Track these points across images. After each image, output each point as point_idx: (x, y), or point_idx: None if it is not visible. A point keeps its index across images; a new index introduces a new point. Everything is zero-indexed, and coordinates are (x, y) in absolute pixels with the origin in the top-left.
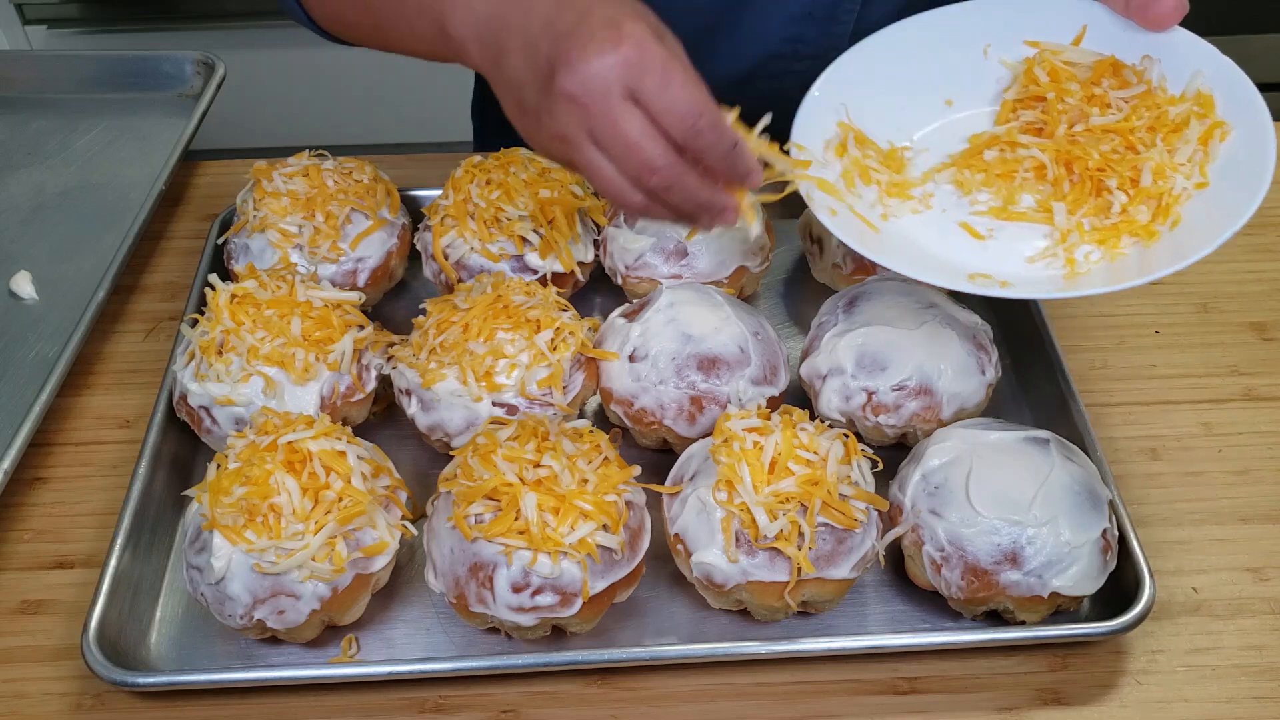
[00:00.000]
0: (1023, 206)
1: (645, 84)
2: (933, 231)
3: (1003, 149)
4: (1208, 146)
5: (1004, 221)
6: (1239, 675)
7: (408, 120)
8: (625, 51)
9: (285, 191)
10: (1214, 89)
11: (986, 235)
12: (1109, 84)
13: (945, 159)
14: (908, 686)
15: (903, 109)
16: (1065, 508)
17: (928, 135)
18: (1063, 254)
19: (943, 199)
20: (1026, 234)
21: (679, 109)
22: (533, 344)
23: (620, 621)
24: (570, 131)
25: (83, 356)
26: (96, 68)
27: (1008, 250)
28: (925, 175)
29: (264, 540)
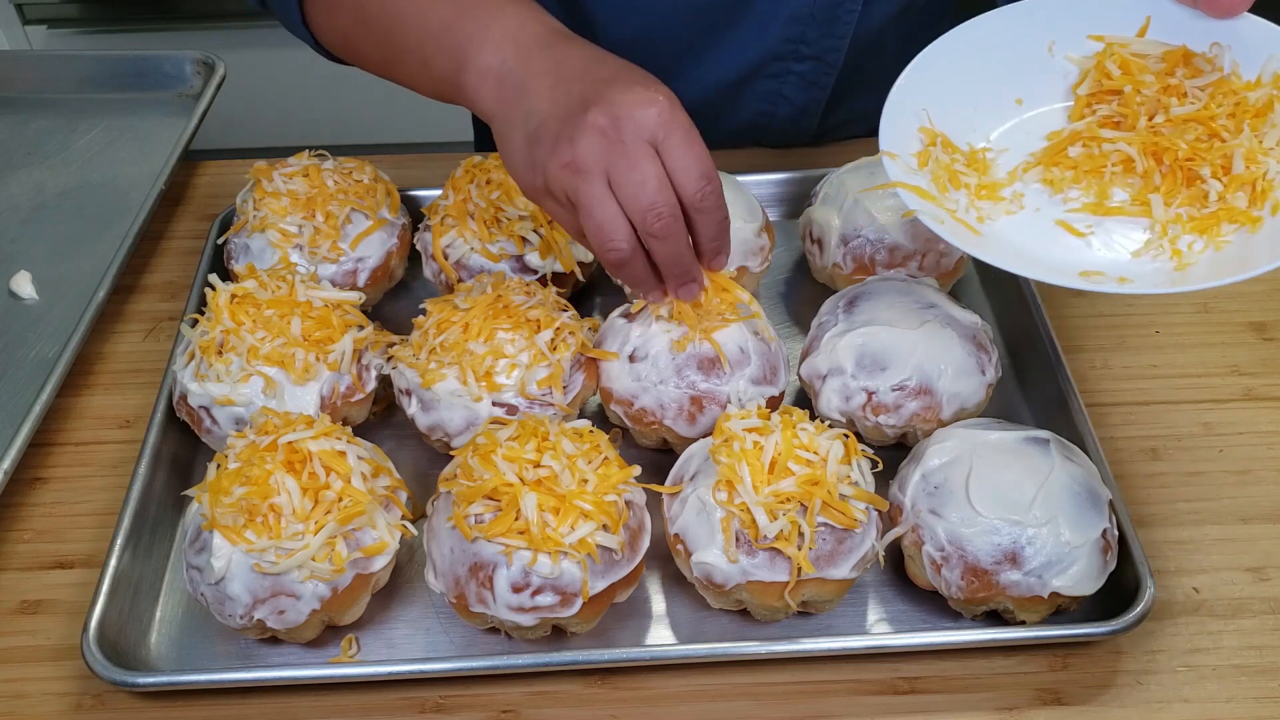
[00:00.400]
0: (1117, 201)
1: (672, 139)
2: (1031, 232)
3: (1086, 144)
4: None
5: (1101, 218)
6: (1239, 675)
7: (408, 120)
8: (661, 106)
9: (285, 191)
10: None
11: (1086, 232)
12: (1182, 73)
13: (1028, 158)
14: (908, 686)
15: (975, 110)
16: (1065, 508)
17: (1004, 135)
18: (1168, 246)
19: (1034, 198)
20: (1125, 228)
21: (697, 168)
22: (533, 344)
23: (620, 621)
24: (587, 162)
25: (83, 356)
26: (96, 68)
27: (1111, 245)
28: (1012, 175)
29: (264, 540)
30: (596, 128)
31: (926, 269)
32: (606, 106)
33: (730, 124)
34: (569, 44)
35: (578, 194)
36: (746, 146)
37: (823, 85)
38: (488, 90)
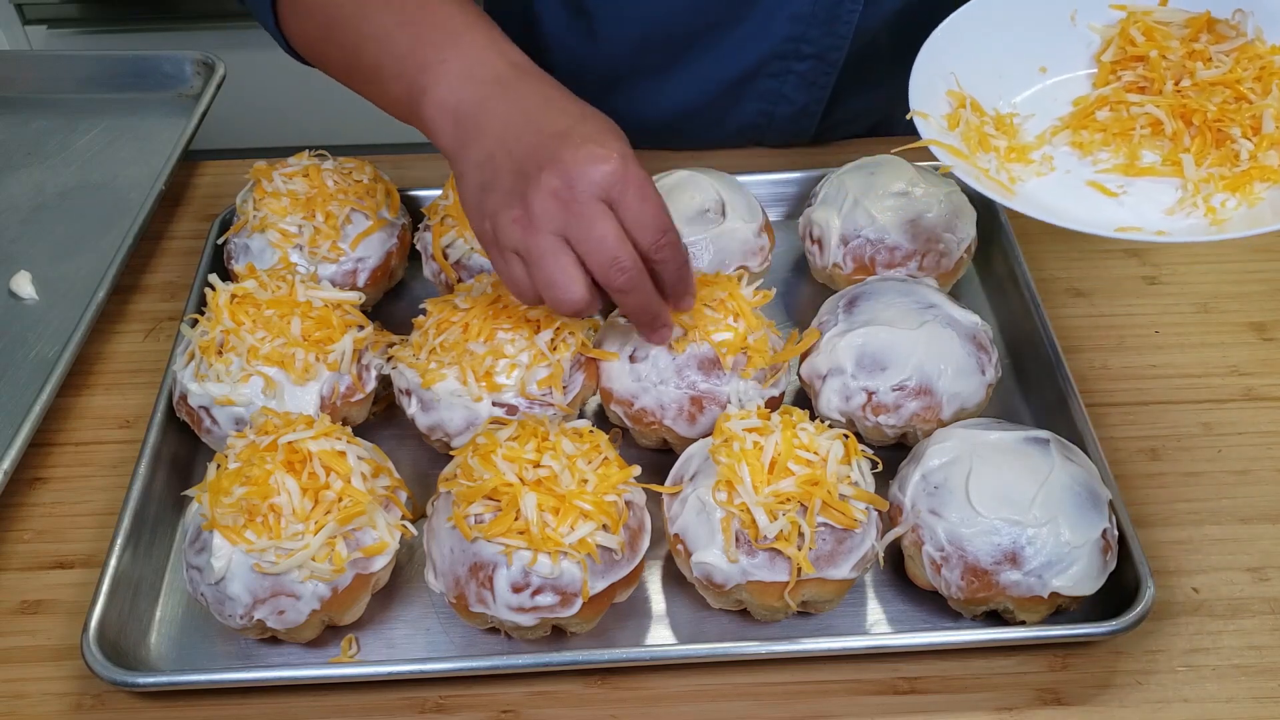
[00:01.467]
0: (1147, 162)
1: (626, 196)
2: (1062, 192)
3: (1114, 108)
4: None
5: (1132, 178)
6: (1238, 675)
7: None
8: (614, 164)
9: (285, 191)
10: None
11: (1119, 192)
12: (1206, 39)
13: (1055, 122)
14: (908, 686)
15: (999, 77)
16: (1065, 508)
17: (1028, 100)
18: (1201, 203)
19: (1063, 161)
20: (1157, 189)
21: (652, 222)
22: (533, 344)
23: (620, 621)
24: (540, 221)
25: (83, 356)
26: (96, 68)
27: (1144, 204)
28: (1040, 139)
29: (264, 540)
30: (550, 189)
31: (926, 269)
32: (559, 168)
33: (730, 123)
34: (525, 82)
35: (529, 250)
36: (746, 146)
37: (823, 85)
38: (444, 127)
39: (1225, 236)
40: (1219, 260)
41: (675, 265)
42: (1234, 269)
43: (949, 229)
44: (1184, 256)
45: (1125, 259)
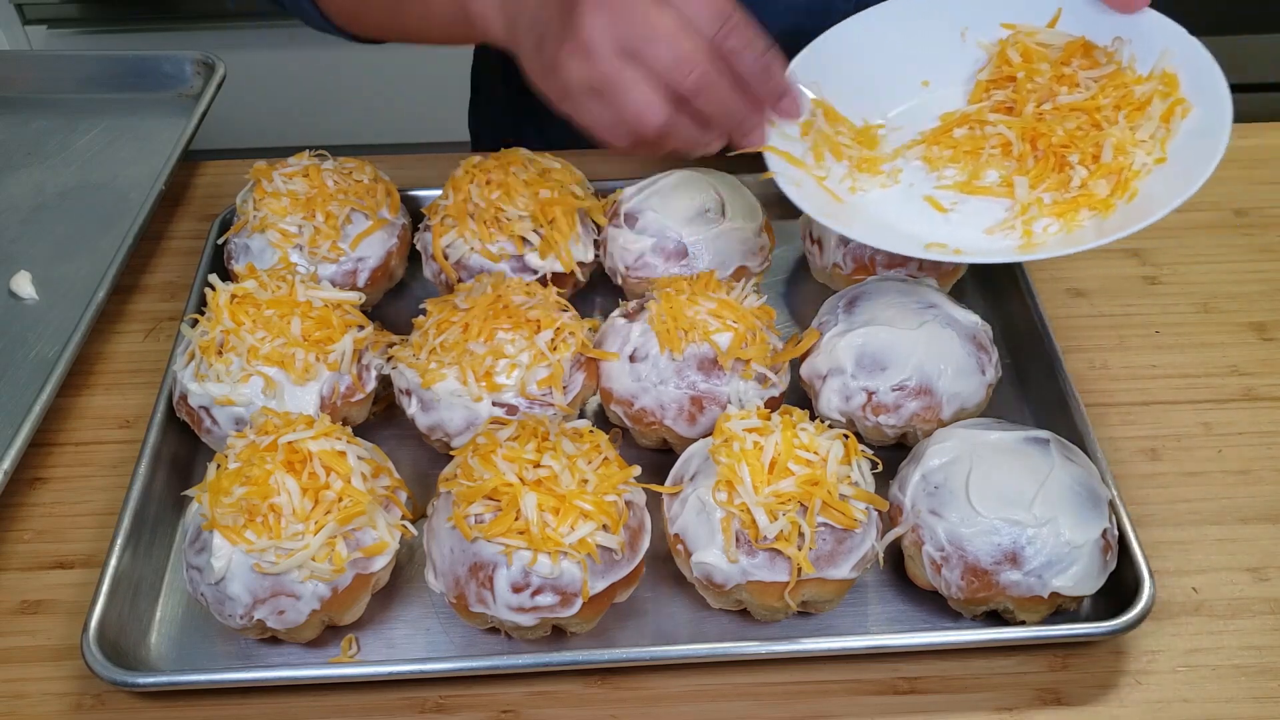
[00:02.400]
0: (987, 181)
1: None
2: (898, 205)
3: (972, 127)
4: (1169, 124)
5: (968, 196)
6: (1239, 675)
7: (407, 120)
8: None
9: (285, 191)
10: (1179, 69)
11: (949, 208)
12: (1079, 64)
13: (917, 136)
14: (908, 686)
15: (880, 88)
16: (1065, 508)
17: (903, 114)
18: (1020, 225)
19: (911, 174)
20: (989, 208)
21: (708, 10)
22: (533, 344)
23: (620, 621)
24: (596, 42)
25: (83, 356)
26: (96, 68)
27: (968, 222)
28: (896, 151)
29: (264, 540)
30: (593, 5)
31: (926, 269)
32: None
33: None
34: None
35: (597, 82)
36: None
37: None
38: (493, 18)
39: (1021, 259)
40: (1219, 260)
41: (751, 53)
42: (1234, 269)
43: None
44: (1184, 256)
45: (1125, 259)
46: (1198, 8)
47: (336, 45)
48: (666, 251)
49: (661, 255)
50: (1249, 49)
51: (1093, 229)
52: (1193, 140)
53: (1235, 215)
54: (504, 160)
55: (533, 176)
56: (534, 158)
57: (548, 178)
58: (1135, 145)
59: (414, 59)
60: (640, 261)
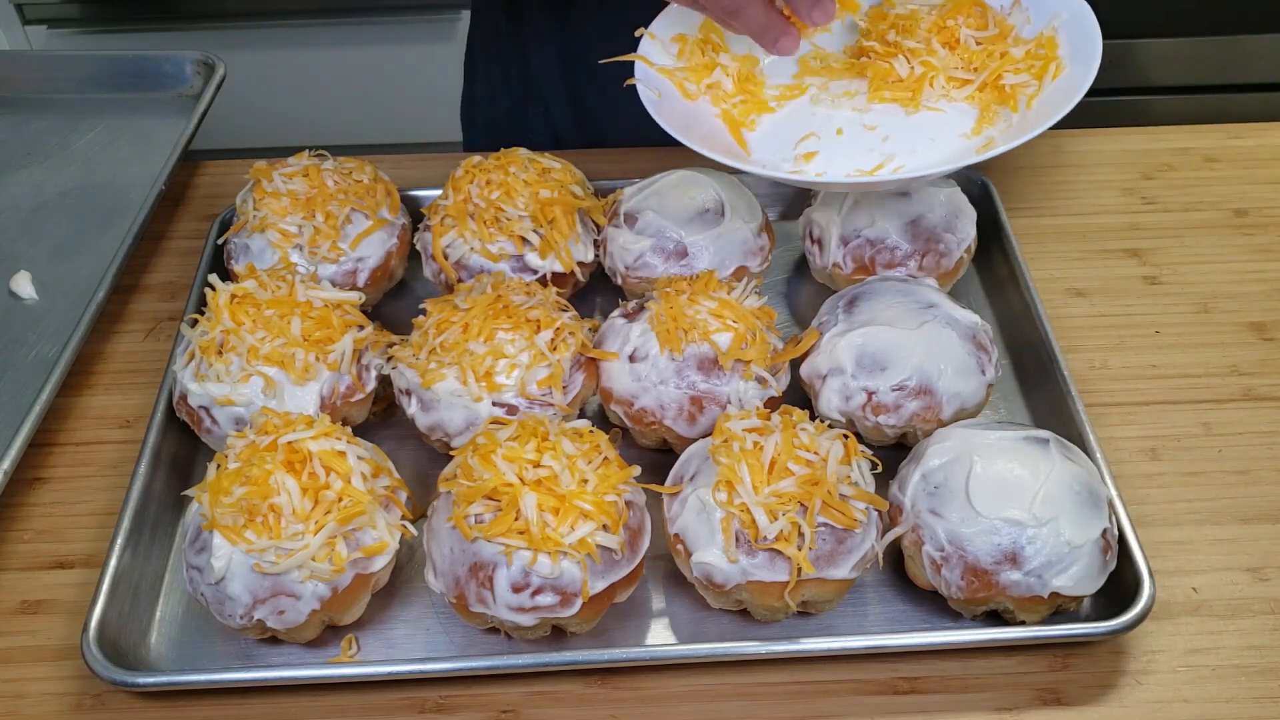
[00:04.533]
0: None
1: None
2: (772, 131)
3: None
4: (1042, 81)
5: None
6: (1239, 675)
7: (407, 120)
8: None
9: (285, 191)
10: (1061, 31)
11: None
12: (964, 20)
13: (794, 73)
14: (908, 686)
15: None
16: (1065, 508)
17: (775, 62)
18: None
19: (791, 108)
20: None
21: None
22: (533, 344)
23: (620, 621)
24: None
25: (83, 356)
26: (96, 68)
27: (835, 157)
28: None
29: (264, 540)
30: None
31: (926, 269)
32: None
33: None
34: None
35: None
36: None
37: None
38: None
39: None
40: (1219, 260)
41: None
42: (1234, 269)
43: (949, 229)
44: (1184, 256)
45: (1125, 259)
46: (1198, 7)
47: (336, 45)
48: (666, 251)
49: (661, 255)
50: (1249, 49)
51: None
52: (1052, 97)
53: (1235, 215)
54: (504, 160)
55: (533, 176)
56: (534, 158)
57: (548, 178)
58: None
59: (414, 59)
60: (640, 261)
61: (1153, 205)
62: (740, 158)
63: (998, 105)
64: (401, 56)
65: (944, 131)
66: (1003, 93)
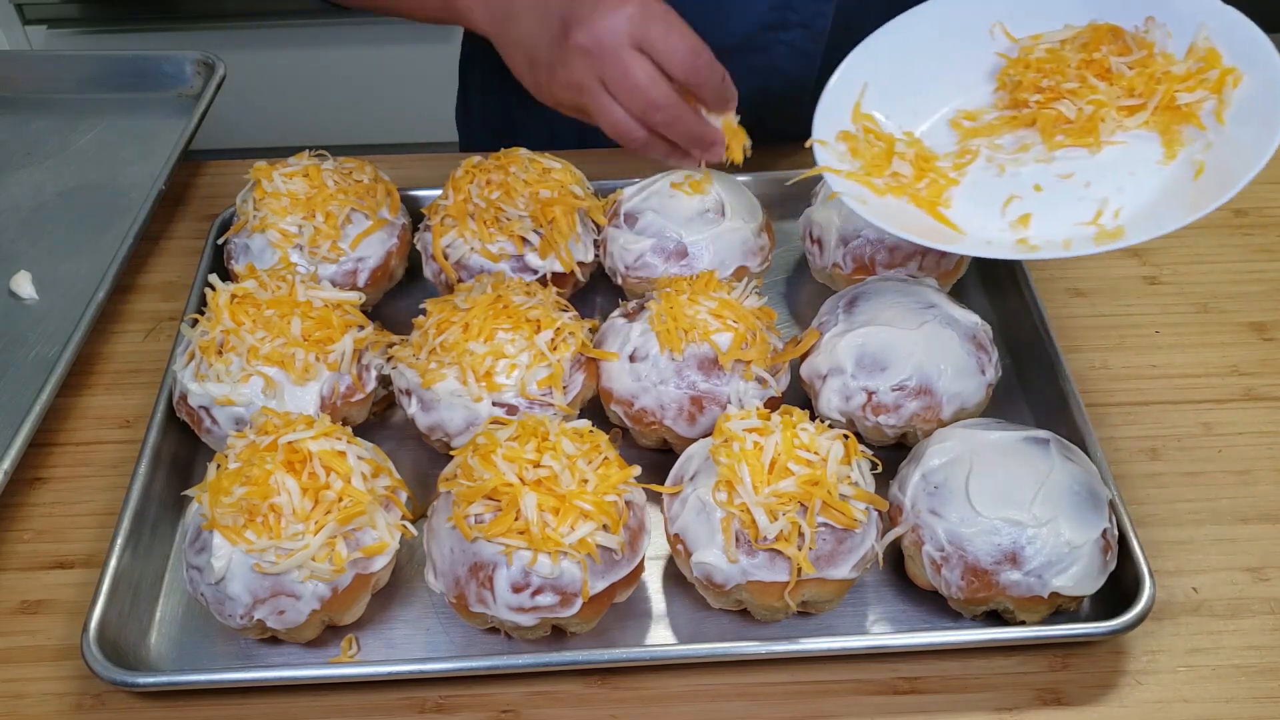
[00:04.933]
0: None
1: (651, 33)
2: (969, 203)
3: (1015, 117)
4: (1222, 94)
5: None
6: (1239, 675)
7: (407, 120)
8: (631, 8)
9: (285, 191)
10: (1217, 41)
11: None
12: (1108, 49)
13: (954, 143)
14: (908, 686)
15: (914, 98)
16: (1065, 508)
17: (931, 128)
18: (1101, 210)
19: (975, 172)
20: (1064, 201)
21: (681, 50)
22: (533, 344)
23: (620, 621)
24: (584, 80)
25: (83, 356)
26: (96, 68)
27: (1046, 214)
28: (964, 151)
29: (264, 540)
30: (580, 48)
31: (926, 269)
32: (583, 25)
33: None
34: None
35: (584, 108)
36: (747, 127)
37: (813, 54)
38: (479, 13)
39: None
40: (1219, 260)
41: (713, 84)
42: (1234, 269)
43: None
44: (1184, 256)
45: (1125, 259)
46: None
47: (336, 45)
48: (666, 251)
49: (661, 255)
50: None
51: (1179, 209)
52: (1252, 106)
53: (1235, 215)
54: (504, 160)
55: (533, 176)
56: (534, 158)
57: (548, 178)
58: (1189, 91)
59: (414, 59)
60: (640, 261)
61: None
62: (958, 240)
63: (1177, 125)
64: (401, 56)
65: (1138, 163)
66: (1178, 112)
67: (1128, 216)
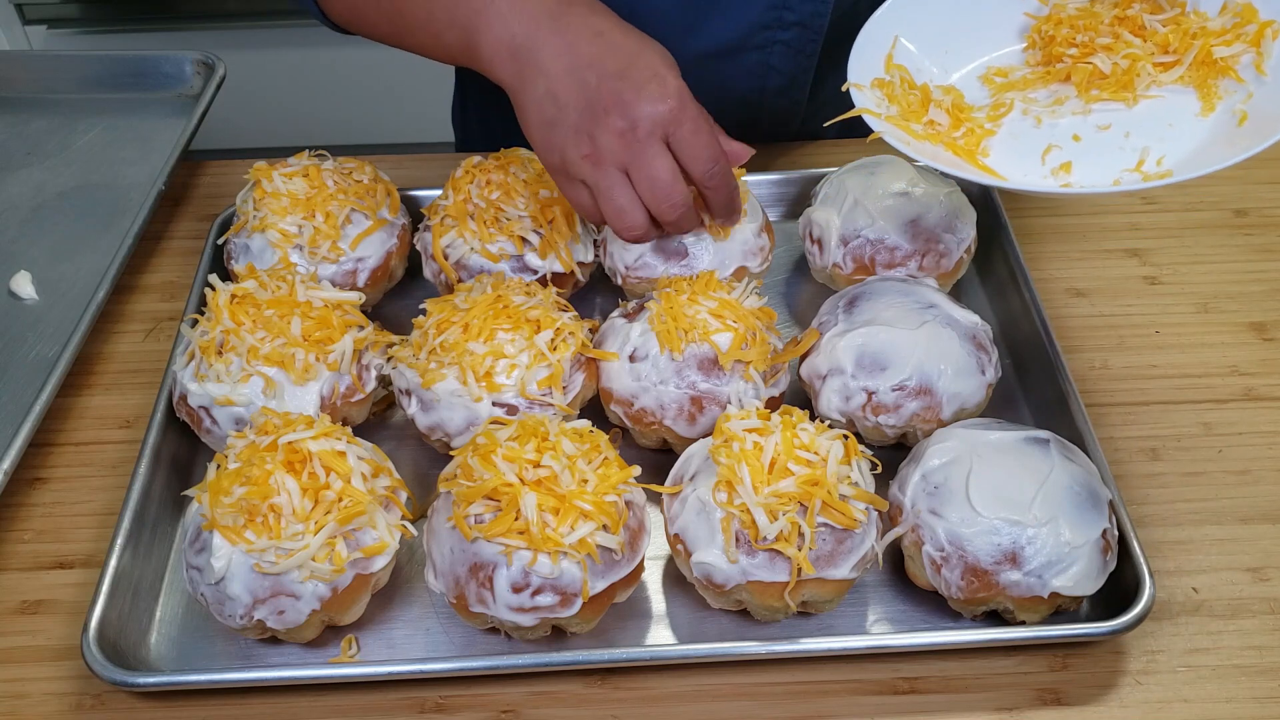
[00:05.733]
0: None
1: (681, 130)
2: (1009, 153)
3: (1048, 71)
4: (1261, 47)
5: (1081, 127)
6: (1239, 675)
7: (407, 120)
8: (670, 104)
9: (285, 191)
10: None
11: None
12: (1140, 7)
13: (988, 96)
14: (908, 686)
15: (945, 53)
16: (1065, 508)
17: (963, 77)
18: (1142, 155)
19: (1010, 124)
20: (1102, 149)
21: (705, 154)
22: (533, 344)
23: (620, 621)
24: (606, 158)
25: (83, 356)
26: (96, 68)
27: (1087, 162)
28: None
29: (264, 540)
30: (616, 130)
31: (926, 269)
32: (624, 109)
33: (722, 101)
34: (573, 13)
35: (596, 183)
36: (741, 126)
37: (809, 53)
38: (502, 64)
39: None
40: (1219, 260)
41: (724, 193)
42: (1234, 269)
43: (949, 229)
44: (1184, 256)
45: (1125, 259)
46: None
47: (337, 45)
48: (666, 252)
49: (661, 255)
50: None
51: (1227, 150)
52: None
53: (1235, 215)
54: (504, 160)
55: (533, 176)
56: (534, 158)
57: (547, 178)
58: (1226, 45)
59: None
60: (640, 262)
61: (1153, 205)
62: (1003, 181)
63: (1214, 79)
64: (401, 56)
65: (1176, 115)
66: (1215, 66)
67: (1172, 163)
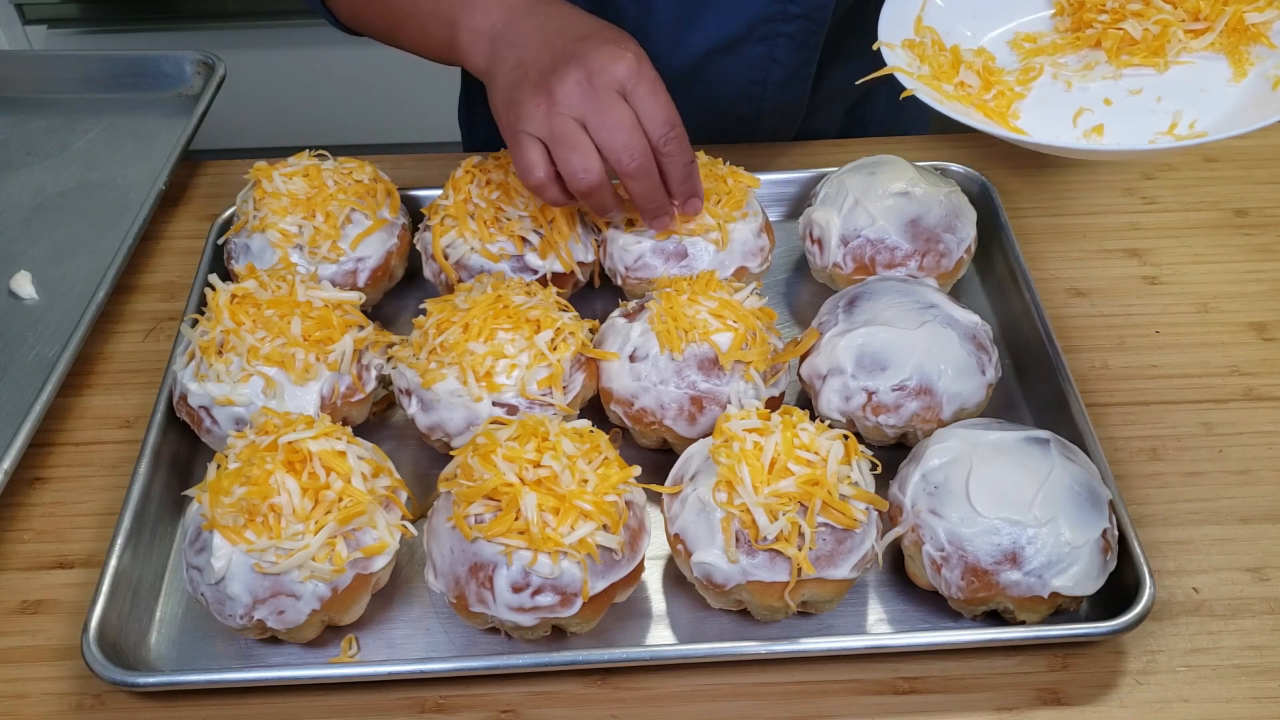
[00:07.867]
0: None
1: (639, 90)
2: (1041, 114)
3: (1078, 34)
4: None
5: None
6: (1239, 675)
7: (407, 120)
8: (630, 61)
9: (285, 191)
10: None
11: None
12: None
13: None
14: (908, 686)
15: (974, 17)
16: (1065, 508)
17: (993, 40)
18: (1174, 119)
19: (1040, 87)
20: (1132, 114)
21: (660, 115)
22: (533, 344)
23: (620, 621)
24: (564, 106)
25: (83, 356)
26: (96, 68)
27: (1118, 125)
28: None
29: (264, 540)
30: (573, 79)
31: (926, 269)
32: (581, 62)
33: (724, 94)
34: (551, 5)
35: (550, 131)
36: (744, 121)
37: (812, 45)
38: (480, 50)
39: (1198, 142)
40: (1219, 260)
41: (681, 160)
42: (1234, 269)
43: (949, 229)
44: (1184, 256)
45: (1125, 259)
46: None
47: (336, 45)
48: (666, 252)
49: (661, 256)
50: None
51: (1263, 112)
52: None
53: (1235, 215)
54: (504, 160)
55: None
56: None
57: None
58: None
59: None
60: (640, 262)
61: (1153, 205)
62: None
63: (1245, 46)
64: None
65: (1208, 80)
66: (1247, 32)
67: (1205, 125)
